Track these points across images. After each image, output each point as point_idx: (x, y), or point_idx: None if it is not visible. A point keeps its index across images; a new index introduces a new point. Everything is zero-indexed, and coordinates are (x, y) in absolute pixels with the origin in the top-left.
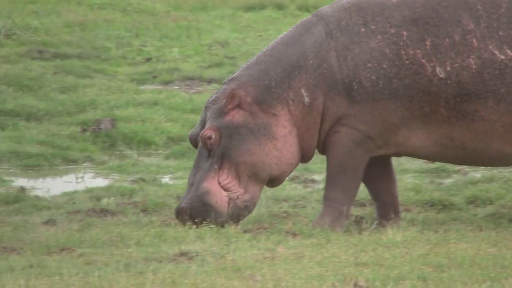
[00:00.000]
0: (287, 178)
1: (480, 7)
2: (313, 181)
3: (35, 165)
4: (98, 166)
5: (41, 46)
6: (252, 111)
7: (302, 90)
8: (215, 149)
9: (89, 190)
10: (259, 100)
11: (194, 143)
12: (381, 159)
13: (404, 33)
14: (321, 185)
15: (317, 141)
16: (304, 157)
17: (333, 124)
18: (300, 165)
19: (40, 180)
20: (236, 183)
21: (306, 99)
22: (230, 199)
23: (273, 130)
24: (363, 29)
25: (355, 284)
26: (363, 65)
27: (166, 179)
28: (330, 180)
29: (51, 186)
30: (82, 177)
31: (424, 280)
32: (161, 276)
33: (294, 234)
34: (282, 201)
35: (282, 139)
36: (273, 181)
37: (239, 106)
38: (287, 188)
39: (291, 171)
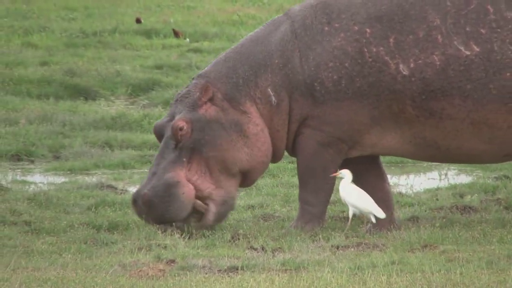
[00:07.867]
0: None
1: (449, 3)
2: None
3: (399, 162)
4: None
5: None
6: (223, 107)
7: (269, 90)
8: (185, 141)
9: (452, 187)
10: (229, 97)
11: (159, 134)
12: (367, 156)
13: (368, 30)
14: None
15: (286, 142)
16: (274, 157)
17: (299, 126)
18: None
19: (404, 176)
20: (205, 179)
21: (273, 99)
22: (210, 199)
23: (245, 127)
24: (326, 28)
25: None
26: (325, 64)
27: None
28: (300, 182)
29: (414, 182)
30: (446, 174)
31: None
32: None
33: None
34: None
35: (253, 137)
36: (245, 178)
37: (211, 100)
38: None
39: (264, 170)
